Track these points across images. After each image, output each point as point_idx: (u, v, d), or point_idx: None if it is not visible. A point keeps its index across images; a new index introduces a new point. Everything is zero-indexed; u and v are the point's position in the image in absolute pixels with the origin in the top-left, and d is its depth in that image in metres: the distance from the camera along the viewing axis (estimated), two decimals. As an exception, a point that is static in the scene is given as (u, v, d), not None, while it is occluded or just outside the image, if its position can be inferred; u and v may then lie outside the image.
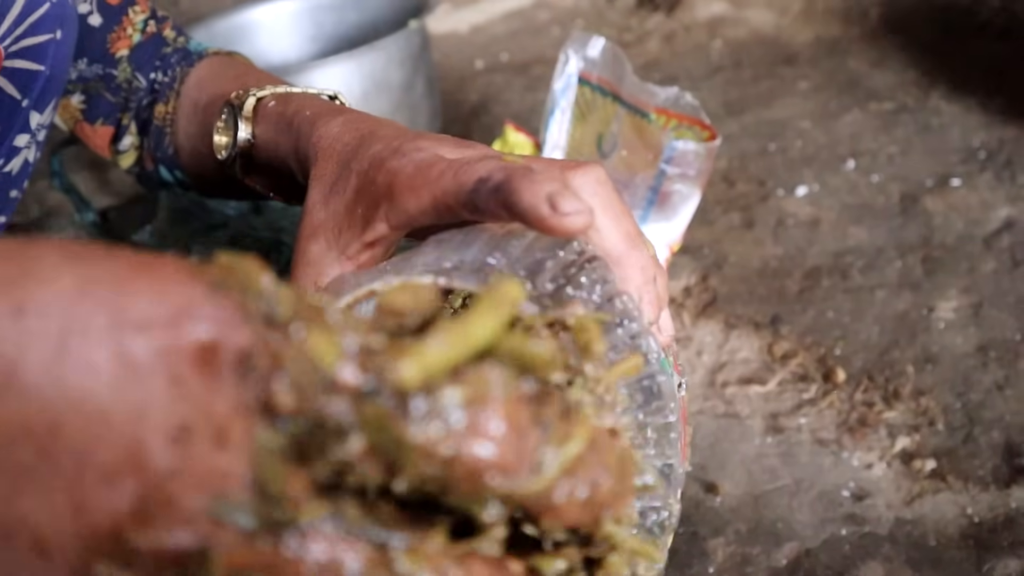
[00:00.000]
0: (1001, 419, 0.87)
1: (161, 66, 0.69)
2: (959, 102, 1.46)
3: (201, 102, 0.64)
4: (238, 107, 0.56)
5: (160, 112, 0.68)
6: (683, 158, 0.92)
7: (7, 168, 0.59)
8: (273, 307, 0.21)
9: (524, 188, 0.36)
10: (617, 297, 0.36)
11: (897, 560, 0.74)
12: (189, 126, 0.66)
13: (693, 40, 1.86)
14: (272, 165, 0.55)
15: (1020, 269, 1.06)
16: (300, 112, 0.52)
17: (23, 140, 0.59)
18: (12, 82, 0.56)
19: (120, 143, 0.70)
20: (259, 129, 0.55)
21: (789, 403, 0.91)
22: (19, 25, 0.54)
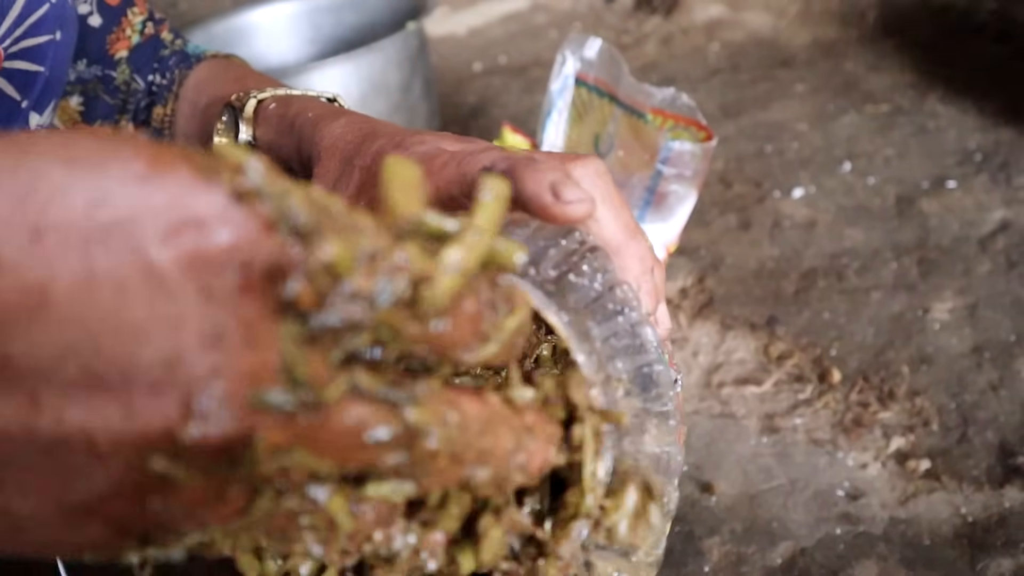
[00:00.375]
0: (995, 419, 0.87)
1: (159, 68, 0.69)
2: (955, 105, 1.47)
3: (200, 104, 0.65)
4: (239, 109, 0.57)
5: (158, 114, 0.68)
6: (679, 159, 0.92)
7: None
8: (295, 215, 0.23)
9: (528, 176, 0.37)
10: (617, 286, 0.37)
11: (891, 559, 0.74)
12: (188, 128, 0.66)
13: (690, 43, 1.86)
14: (275, 166, 0.55)
15: (1015, 271, 1.07)
16: (302, 114, 0.53)
17: None
18: (12, 83, 0.56)
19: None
20: (260, 131, 0.57)
21: (785, 403, 0.91)
22: (19, 26, 0.54)
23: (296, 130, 0.52)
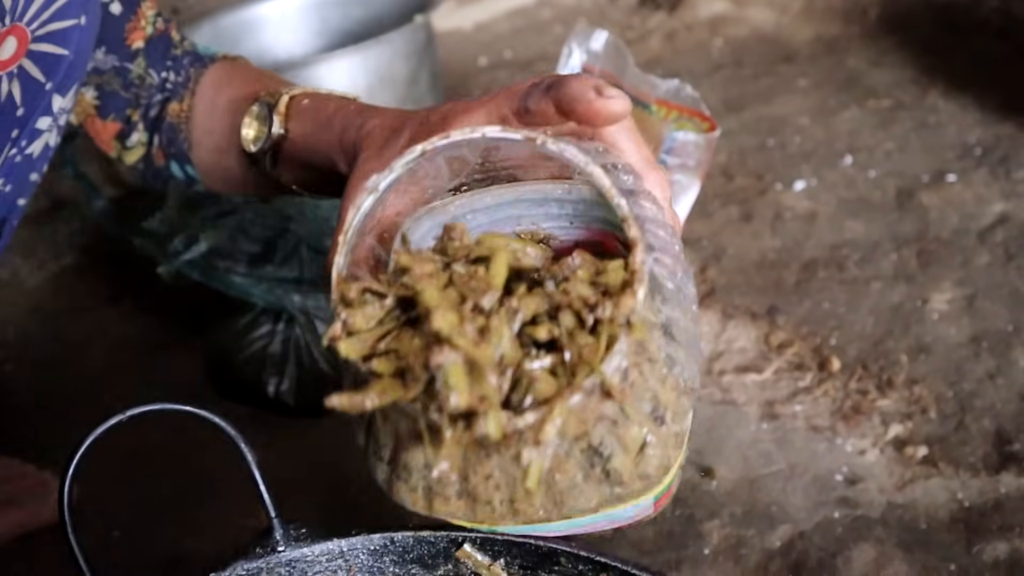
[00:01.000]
0: (992, 407, 0.88)
1: (173, 66, 0.71)
2: (956, 100, 1.48)
3: (220, 101, 0.68)
4: (272, 104, 0.60)
5: (175, 110, 0.70)
6: (683, 149, 0.93)
7: (28, 150, 0.61)
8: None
9: (572, 82, 0.42)
10: (643, 192, 0.44)
11: (888, 542, 0.75)
12: (208, 123, 0.68)
13: (694, 38, 1.87)
14: (304, 158, 0.59)
15: (1013, 262, 1.08)
16: (343, 108, 0.57)
17: (45, 123, 0.61)
18: (37, 65, 0.58)
19: (128, 139, 0.72)
20: (293, 124, 0.60)
21: (785, 391, 0.93)
22: (46, 9, 0.56)
23: (337, 123, 0.56)
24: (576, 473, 0.42)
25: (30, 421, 0.99)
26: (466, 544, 0.55)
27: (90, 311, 1.19)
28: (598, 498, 0.43)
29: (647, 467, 0.43)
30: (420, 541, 0.55)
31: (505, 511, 0.43)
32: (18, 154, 0.61)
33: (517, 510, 0.43)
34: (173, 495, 0.86)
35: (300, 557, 0.55)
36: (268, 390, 0.92)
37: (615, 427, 0.41)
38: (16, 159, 0.61)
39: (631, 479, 0.43)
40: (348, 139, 0.54)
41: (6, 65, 0.56)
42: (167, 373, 1.04)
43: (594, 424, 0.40)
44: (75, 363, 1.09)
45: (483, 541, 0.55)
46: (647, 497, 0.48)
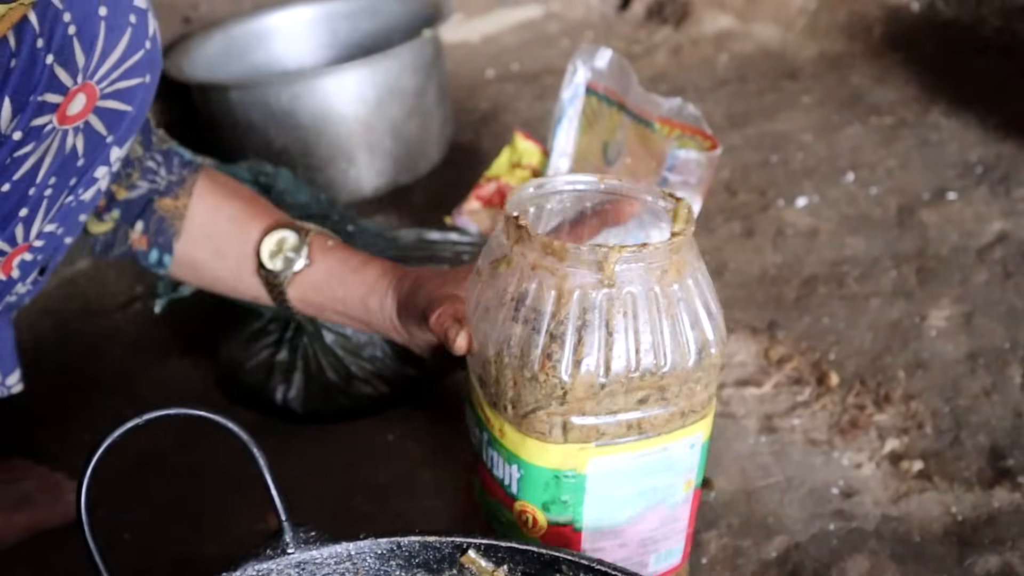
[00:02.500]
0: (987, 423, 0.90)
1: (164, 163, 0.76)
2: (958, 118, 1.49)
3: (225, 210, 0.76)
4: (302, 235, 0.74)
5: (168, 205, 0.75)
6: (685, 166, 0.95)
7: (83, 196, 0.63)
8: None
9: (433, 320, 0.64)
10: None
11: (882, 554, 0.77)
12: (210, 227, 0.76)
13: (700, 53, 1.90)
14: (323, 287, 0.75)
15: (1011, 280, 1.10)
16: (373, 260, 0.75)
17: (102, 172, 0.63)
18: (102, 120, 0.60)
19: (105, 214, 0.75)
20: (318, 258, 0.75)
21: (783, 405, 0.94)
22: (117, 68, 0.58)
23: (373, 269, 0.74)
24: (679, 317, 0.56)
25: (42, 424, 1.00)
26: (471, 550, 0.57)
27: (102, 316, 1.21)
28: (693, 354, 0.56)
29: (707, 359, 0.57)
30: (426, 546, 0.57)
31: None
32: (74, 200, 0.63)
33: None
34: (183, 498, 0.88)
35: (309, 559, 0.56)
36: (276, 397, 0.94)
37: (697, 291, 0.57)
38: (71, 205, 0.63)
39: (709, 342, 0.57)
40: (384, 284, 0.72)
41: (73, 120, 0.58)
42: (177, 378, 1.06)
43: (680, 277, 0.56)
44: (86, 367, 1.11)
45: (487, 547, 0.57)
46: (701, 426, 0.61)
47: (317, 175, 1.39)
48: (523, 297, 0.56)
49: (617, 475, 0.60)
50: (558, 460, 0.59)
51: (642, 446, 0.60)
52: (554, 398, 0.57)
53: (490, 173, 1.25)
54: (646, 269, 0.55)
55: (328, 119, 1.35)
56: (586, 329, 0.55)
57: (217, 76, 1.49)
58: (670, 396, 0.58)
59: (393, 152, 1.42)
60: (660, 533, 0.65)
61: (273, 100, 1.33)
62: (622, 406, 0.57)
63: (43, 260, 0.66)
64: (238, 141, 1.39)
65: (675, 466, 0.62)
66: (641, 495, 0.62)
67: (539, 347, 0.56)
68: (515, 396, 0.58)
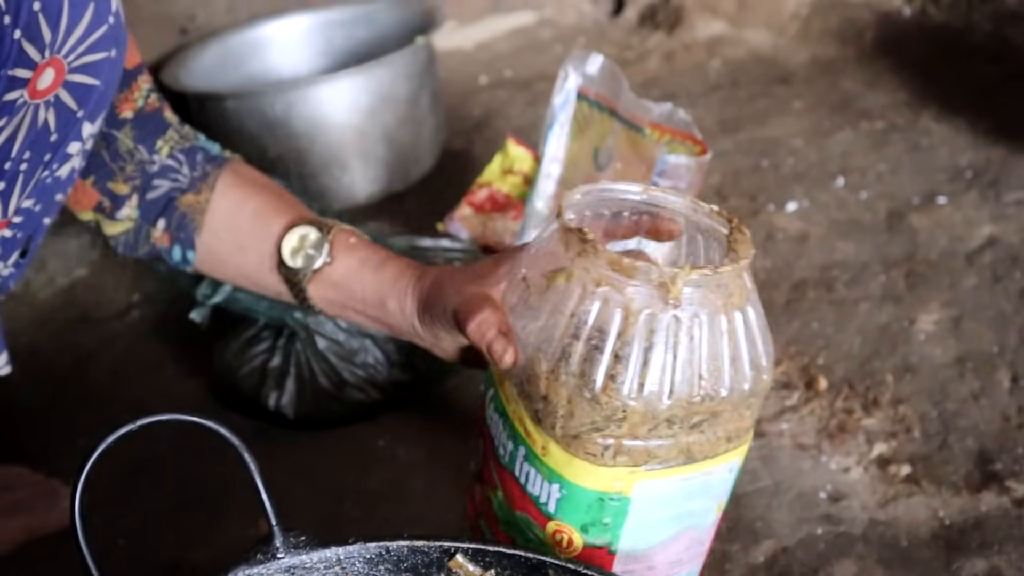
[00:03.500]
0: (975, 427, 0.91)
1: (187, 161, 0.76)
2: (949, 123, 1.50)
3: (249, 206, 0.76)
4: (325, 232, 0.73)
5: (189, 201, 0.76)
6: (675, 171, 0.96)
7: (58, 172, 0.65)
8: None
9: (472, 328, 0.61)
10: None
11: (869, 558, 0.78)
12: (232, 221, 0.76)
13: (692, 59, 1.91)
14: (342, 284, 0.73)
15: (1000, 284, 1.10)
16: (393, 258, 0.73)
17: (75, 148, 0.65)
18: (71, 95, 0.61)
19: (117, 212, 0.76)
20: (339, 255, 0.73)
21: (772, 409, 0.95)
22: (82, 43, 0.60)
23: (392, 268, 0.71)
24: (739, 342, 0.56)
25: (38, 430, 1.01)
26: (458, 555, 0.58)
27: (98, 324, 1.21)
28: (749, 379, 0.56)
29: (760, 384, 0.57)
30: (414, 551, 0.58)
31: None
32: (49, 176, 0.64)
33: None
34: (177, 504, 0.89)
35: (299, 564, 0.57)
36: (268, 403, 0.94)
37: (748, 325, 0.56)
38: (47, 181, 0.64)
39: (762, 368, 0.57)
40: (403, 283, 0.70)
41: (44, 94, 0.59)
42: (172, 385, 1.07)
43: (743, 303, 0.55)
44: (82, 375, 1.12)
45: (475, 552, 0.58)
46: (740, 450, 0.61)
47: (311, 183, 1.40)
48: (585, 314, 0.55)
49: (661, 499, 0.60)
50: (606, 483, 0.58)
51: (688, 471, 0.59)
52: (613, 420, 0.56)
53: (482, 179, 1.26)
54: (712, 293, 0.54)
55: (322, 127, 1.36)
56: (652, 351, 0.54)
57: (213, 86, 1.49)
58: (722, 421, 0.58)
59: (386, 159, 1.43)
60: (687, 555, 0.65)
61: (268, 109, 1.34)
62: (677, 430, 0.57)
63: (22, 239, 0.67)
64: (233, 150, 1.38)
65: (713, 490, 0.62)
66: (677, 519, 0.62)
67: (603, 367, 0.55)
68: (567, 415, 0.57)
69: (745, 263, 0.55)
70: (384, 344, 0.95)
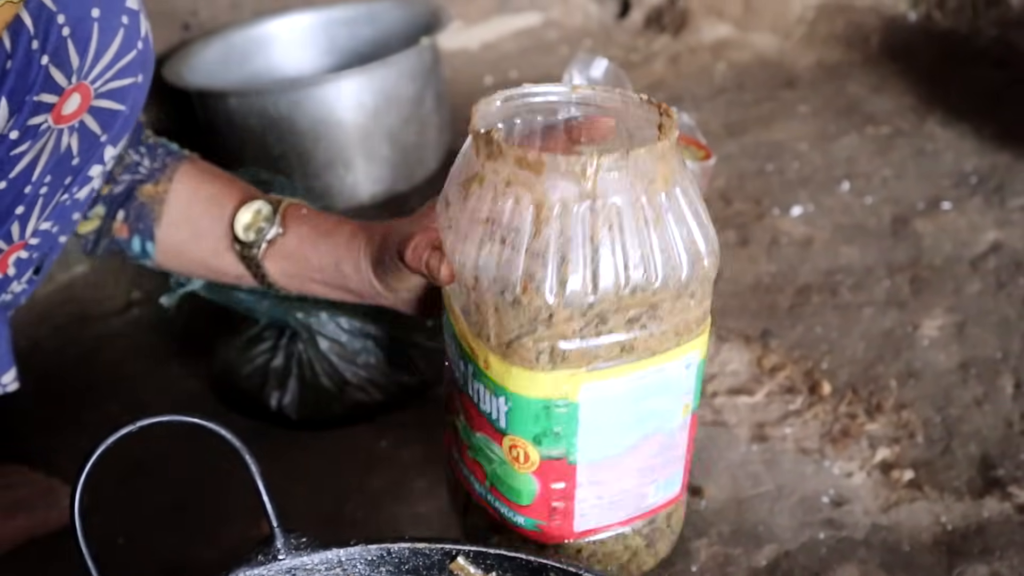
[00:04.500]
0: (978, 433, 0.90)
1: (148, 153, 0.76)
2: (954, 128, 1.50)
3: (203, 192, 0.76)
4: (274, 206, 0.73)
5: (149, 191, 0.75)
6: (678, 176, 0.96)
7: (78, 194, 0.65)
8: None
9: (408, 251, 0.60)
10: None
11: (871, 563, 0.77)
12: (188, 209, 0.76)
13: (698, 62, 1.90)
14: (293, 255, 0.73)
15: (1004, 290, 1.10)
16: (343, 222, 0.73)
17: (96, 171, 0.65)
18: (96, 119, 0.61)
19: (90, 211, 0.75)
20: (291, 226, 0.73)
21: (775, 413, 0.95)
22: (110, 69, 0.59)
23: (344, 232, 0.71)
24: (668, 228, 0.54)
25: (37, 429, 1.01)
26: (460, 557, 0.58)
27: (98, 322, 1.21)
28: (685, 268, 0.54)
29: (699, 270, 0.55)
30: (416, 553, 0.58)
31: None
32: (69, 199, 0.64)
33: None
34: (177, 504, 0.89)
35: (300, 565, 0.57)
36: (270, 403, 0.94)
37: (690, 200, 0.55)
38: (66, 203, 0.64)
39: (702, 253, 0.55)
40: (356, 243, 0.70)
41: (68, 119, 0.59)
42: (173, 384, 1.06)
43: (669, 186, 0.54)
44: (81, 373, 1.11)
45: (476, 554, 0.58)
46: (696, 345, 0.59)
47: (315, 182, 1.40)
48: (499, 216, 0.53)
49: (611, 402, 0.57)
50: (547, 389, 0.56)
51: (636, 368, 0.57)
52: (539, 322, 0.54)
53: (486, 181, 1.26)
54: (631, 178, 0.52)
55: (326, 126, 1.36)
56: (569, 245, 0.52)
57: (216, 83, 1.49)
58: (663, 313, 0.55)
59: (390, 159, 1.43)
60: (659, 461, 0.62)
61: (272, 107, 1.33)
62: (612, 327, 0.55)
63: (38, 258, 0.67)
64: (237, 148, 1.40)
65: (671, 388, 0.59)
66: (638, 422, 0.59)
67: (519, 268, 0.53)
68: (497, 323, 0.55)
69: (664, 144, 0.52)
70: (386, 345, 0.95)
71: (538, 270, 0.52)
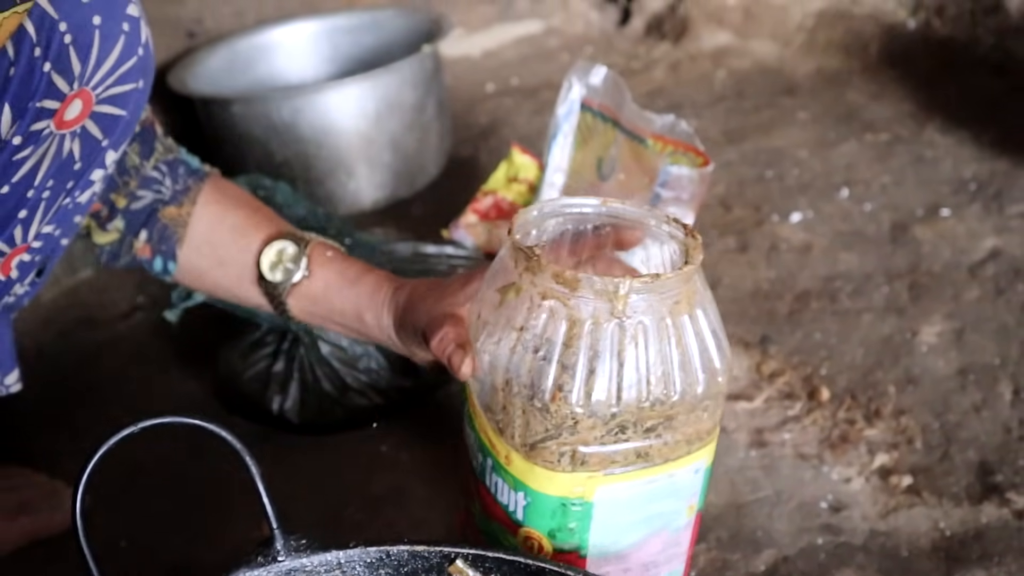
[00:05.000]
0: (977, 439, 0.91)
1: (169, 173, 0.77)
2: (953, 135, 1.51)
3: (228, 220, 0.78)
4: (301, 247, 0.75)
5: (172, 213, 0.77)
6: (677, 182, 0.96)
7: (80, 198, 0.65)
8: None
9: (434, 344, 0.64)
10: None
11: (870, 568, 0.78)
12: (212, 235, 0.77)
13: (698, 69, 1.91)
14: (317, 298, 0.75)
15: (1003, 297, 1.11)
16: (370, 271, 0.75)
17: (98, 175, 0.65)
18: (98, 125, 0.62)
19: (108, 223, 0.77)
20: (316, 270, 0.75)
21: (774, 419, 0.95)
22: (112, 75, 0.60)
23: (368, 283, 0.74)
24: (688, 346, 0.56)
25: (40, 432, 1.02)
26: (458, 560, 0.58)
27: (102, 326, 1.22)
28: (701, 383, 0.57)
29: (714, 387, 0.58)
30: (414, 555, 0.58)
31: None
32: (71, 203, 0.65)
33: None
34: (179, 506, 0.89)
35: (299, 567, 0.57)
36: (272, 407, 0.95)
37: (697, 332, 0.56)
38: (68, 207, 0.65)
39: (716, 370, 0.57)
40: (380, 297, 0.73)
41: (70, 125, 0.60)
42: (177, 388, 1.07)
43: (691, 308, 0.56)
44: (86, 376, 1.12)
45: (475, 557, 0.58)
46: (705, 451, 0.61)
47: (317, 188, 1.40)
48: (533, 327, 0.57)
49: (623, 503, 0.61)
50: (566, 489, 0.60)
51: (649, 473, 0.60)
52: (564, 428, 0.57)
53: (487, 187, 1.27)
54: (658, 299, 0.55)
55: (328, 133, 1.37)
56: (598, 360, 0.55)
57: (220, 90, 1.50)
58: (678, 424, 0.59)
59: (392, 166, 1.44)
60: (663, 557, 0.65)
61: (275, 114, 1.34)
62: (631, 435, 0.58)
63: (40, 261, 0.68)
64: (240, 154, 1.41)
65: (680, 492, 0.63)
66: (646, 521, 0.63)
67: (550, 377, 0.56)
68: (523, 425, 0.59)
69: (690, 269, 0.56)
70: (387, 350, 0.95)
71: (567, 381, 0.55)
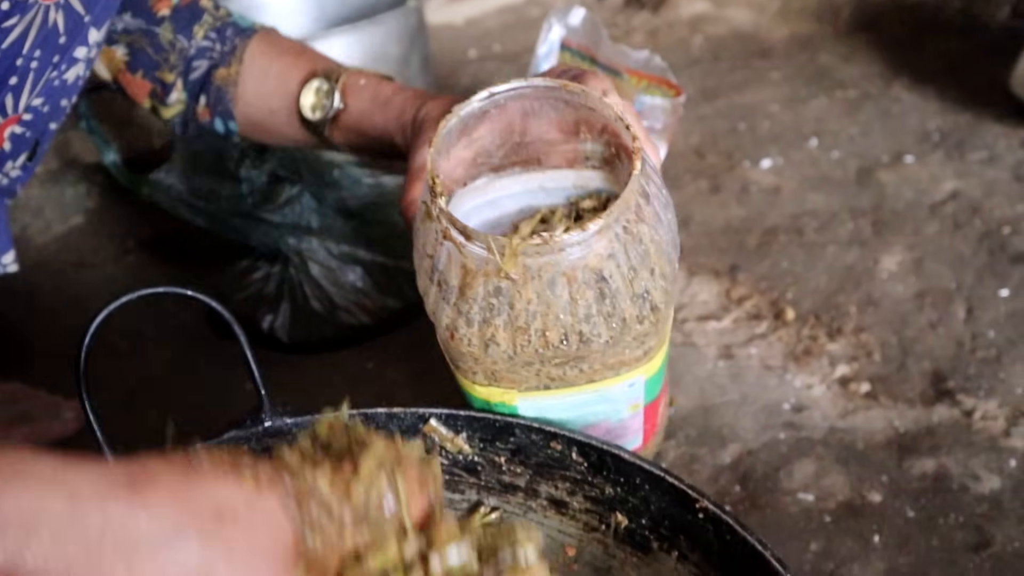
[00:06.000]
0: (932, 352, 0.96)
1: (217, 37, 0.82)
2: (919, 92, 1.56)
3: (273, 69, 0.81)
4: (333, 80, 0.77)
5: (222, 75, 0.82)
6: (651, 112, 1.01)
7: (65, 76, 0.70)
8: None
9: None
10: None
11: (828, 459, 0.83)
12: (260, 87, 0.81)
13: (676, 35, 1.96)
14: (358, 128, 0.77)
15: (960, 231, 1.16)
16: (400, 92, 0.75)
17: (81, 52, 0.70)
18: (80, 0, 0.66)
19: (167, 98, 0.83)
20: (351, 100, 0.76)
21: (742, 336, 1.00)
22: None
23: (397, 104, 0.73)
24: (592, 302, 0.53)
25: (36, 364, 1.05)
26: (432, 419, 0.62)
27: (96, 267, 1.25)
28: (608, 333, 0.54)
29: (628, 331, 0.55)
30: (392, 417, 0.62)
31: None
32: (57, 78, 0.69)
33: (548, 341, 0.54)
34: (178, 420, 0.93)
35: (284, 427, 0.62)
36: (262, 326, 0.99)
37: (620, 264, 0.53)
38: (55, 83, 0.69)
39: (631, 319, 0.54)
40: (406, 118, 0.72)
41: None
42: (169, 316, 1.11)
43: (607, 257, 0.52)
44: (79, 312, 1.15)
45: (447, 417, 0.62)
46: (639, 371, 0.59)
47: (304, 139, 1.44)
48: (436, 260, 0.55)
49: (551, 408, 0.62)
50: (489, 396, 0.62)
51: (571, 391, 0.60)
52: (468, 358, 0.57)
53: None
54: (556, 258, 0.51)
55: (315, 84, 1.40)
56: (492, 312, 0.53)
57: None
58: (593, 361, 0.57)
59: (377, 118, 1.48)
60: (610, 437, 0.65)
61: (262, 65, 1.38)
62: (540, 368, 0.57)
63: (31, 138, 0.72)
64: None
65: (615, 400, 0.63)
66: (580, 418, 0.63)
67: (446, 318, 0.55)
68: (441, 339, 0.59)
69: (594, 225, 0.51)
70: (375, 271, 0.99)
71: (462, 325, 0.55)
